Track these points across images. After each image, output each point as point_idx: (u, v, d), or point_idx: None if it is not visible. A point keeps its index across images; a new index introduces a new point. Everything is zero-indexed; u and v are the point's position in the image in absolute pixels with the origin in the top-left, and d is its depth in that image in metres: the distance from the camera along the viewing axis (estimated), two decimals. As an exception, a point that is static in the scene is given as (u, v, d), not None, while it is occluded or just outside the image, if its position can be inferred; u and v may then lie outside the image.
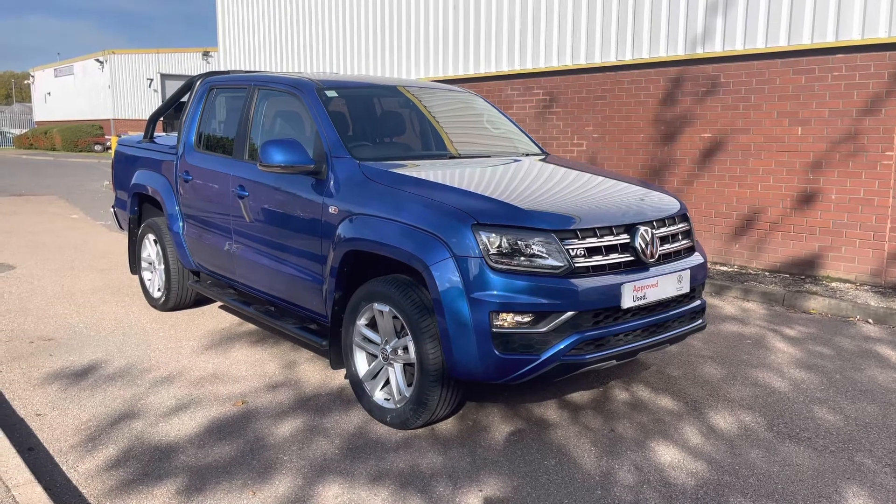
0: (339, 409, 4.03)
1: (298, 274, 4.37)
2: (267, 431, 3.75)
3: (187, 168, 5.41)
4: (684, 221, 4.11)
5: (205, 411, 3.99)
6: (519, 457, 3.50)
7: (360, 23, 12.43)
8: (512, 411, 4.02)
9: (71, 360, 4.79)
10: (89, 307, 6.11)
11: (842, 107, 6.91)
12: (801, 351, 5.17)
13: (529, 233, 3.41)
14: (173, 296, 5.85)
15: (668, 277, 3.75)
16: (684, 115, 8.06)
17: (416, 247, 3.51)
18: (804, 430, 3.84)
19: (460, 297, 3.36)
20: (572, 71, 9.11)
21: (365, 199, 3.91)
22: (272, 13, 14.65)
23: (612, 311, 3.53)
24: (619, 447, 3.61)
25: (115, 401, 4.13)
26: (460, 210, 3.47)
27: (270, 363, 4.77)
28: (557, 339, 3.38)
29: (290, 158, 4.08)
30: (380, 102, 5.06)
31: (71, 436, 3.68)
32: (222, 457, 3.47)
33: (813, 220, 7.22)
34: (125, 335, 5.35)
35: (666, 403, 4.17)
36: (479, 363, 3.38)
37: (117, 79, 40.03)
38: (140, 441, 3.63)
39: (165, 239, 5.78)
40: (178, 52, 40.95)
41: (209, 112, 5.48)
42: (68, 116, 43.82)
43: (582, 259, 3.47)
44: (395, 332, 3.78)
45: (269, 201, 4.55)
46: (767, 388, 4.44)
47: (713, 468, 3.40)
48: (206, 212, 5.27)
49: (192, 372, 4.60)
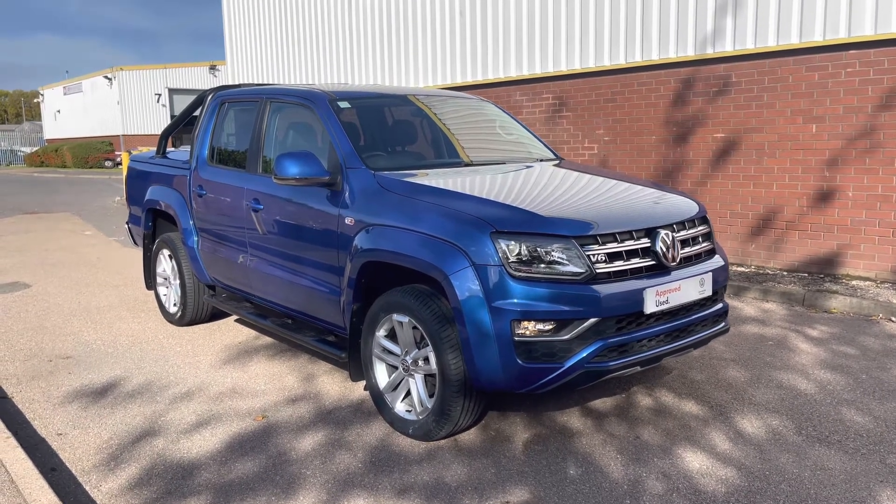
0: (360, 422, 4.00)
1: (315, 286, 4.35)
2: (289, 446, 3.72)
3: (201, 182, 5.41)
4: (704, 223, 4.06)
5: (225, 427, 3.97)
6: (544, 466, 3.46)
7: (367, 33, 12.45)
8: (534, 420, 3.98)
9: (90, 378, 4.79)
10: (106, 324, 6.11)
11: (856, 103, 6.84)
12: (825, 351, 5.10)
13: (549, 239, 3.38)
14: (189, 311, 5.84)
15: (691, 281, 3.70)
16: (696, 116, 8.00)
17: (435, 256, 3.48)
18: (834, 432, 3.78)
19: (481, 306, 3.32)
20: (581, 74, 9.07)
21: (381, 209, 3.88)
22: (279, 26, 14.70)
23: (634, 316, 3.48)
24: (646, 454, 3.56)
25: (135, 418, 4.11)
26: (478, 218, 3.44)
27: (289, 376, 4.75)
28: (580, 346, 3.34)
29: (304, 171, 4.06)
30: (392, 112, 5.04)
31: (93, 455, 3.66)
32: (245, 473, 3.45)
33: (830, 218, 7.14)
34: (143, 351, 5.34)
35: (691, 408, 4.11)
36: (501, 373, 3.34)
37: (126, 95, 40.31)
38: (162, 459, 3.61)
39: (180, 254, 5.77)
40: (185, 66, 41.19)
41: (221, 126, 5.48)
42: (78, 133, 44.18)
43: (603, 265, 3.42)
44: (415, 343, 3.74)
45: (284, 214, 4.53)
46: (793, 390, 4.38)
47: (743, 474, 3.34)
48: (220, 226, 5.26)
49: (212, 387, 4.58)
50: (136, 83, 40.50)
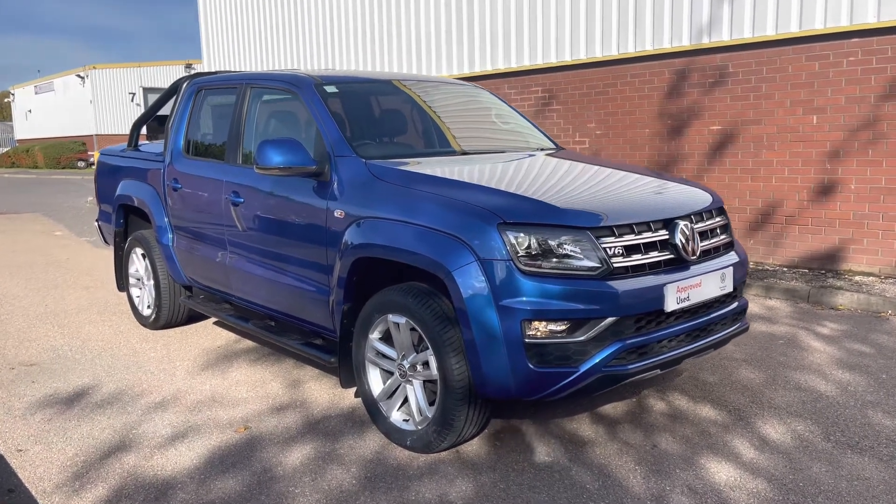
0: (352, 433, 3.67)
1: (301, 285, 4.01)
2: (275, 461, 3.38)
3: (176, 176, 5.04)
4: (721, 215, 3.79)
5: (204, 440, 3.62)
6: (558, 481, 3.15)
7: (349, 26, 12.09)
8: (542, 429, 3.67)
9: (55, 387, 4.40)
10: (75, 328, 5.71)
11: (859, 93, 6.62)
12: (839, 350, 4.85)
13: (562, 231, 3.07)
14: (164, 313, 5.46)
15: (711, 276, 3.42)
16: (691, 108, 7.76)
17: (436, 251, 3.16)
18: (864, 437, 3.51)
19: (488, 305, 3.01)
20: (572, 66, 8.80)
21: (374, 200, 3.55)
22: (257, 21, 14.28)
23: (654, 315, 3.19)
24: (667, 465, 3.27)
25: (104, 431, 3.74)
26: (484, 208, 3.12)
27: (273, 383, 4.40)
28: (597, 348, 3.04)
29: (289, 159, 3.72)
30: (382, 98, 4.72)
31: (56, 474, 3.30)
32: (227, 492, 3.10)
33: (832, 212, 6.92)
34: (114, 357, 4.96)
35: (708, 413, 3.83)
36: (511, 379, 3.03)
37: (99, 94, 39.44)
38: (133, 477, 3.25)
39: (154, 253, 5.40)
40: (160, 65, 40.38)
41: (198, 115, 5.12)
42: (50, 133, 43.15)
43: (620, 259, 3.13)
44: (413, 346, 3.42)
45: (266, 207, 4.19)
46: (813, 392, 4.11)
47: (775, 487, 3.06)
48: (197, 222, 4.89)
49: (189, 395, 4.22)
50: (110, 82, 39.64)
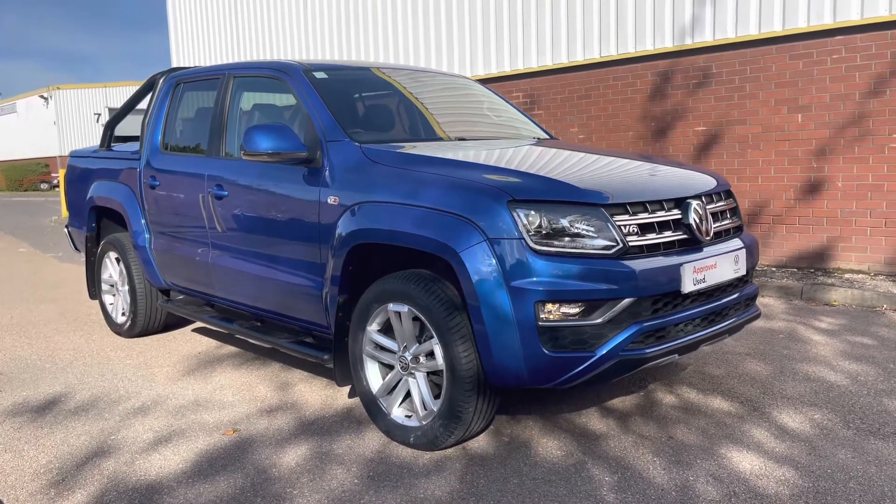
0: (350, 432, 3.44)
1: (292, 280, 3.78)
2: (269, 462, 3.14)
3: (153, 173, 4.79)
4: (730, 197, 3.67)
5: (190, 443, 3.36)
6: (574, 474, 2.96)
7: (322, 34, 11.93)
8: (550, 423, 3.48)
9: (24, 396, 4.11)
10: (43, 338, 5.40)
11: (843, 90, 6.62)
12: (842, 343, 4.75)
13: (574, 208, 2.91)
14: (140, 319, 5.18)
15: (725, 258, 3.28)
16: (675, 110, 7.71)
17: (441, 232, 2.98)
18: (884, 424, 3.38)
19: (499, 287, 2.83)
20: (553, 71, 8.73)
21: (371, 184, 3.36)
22: (228, 34, 14.05)
23: (671, 296, 3.04)
24: (687, 456, 3.10)
25: (80, 438, 3.46)
26: (492, 186, 2.95)
27: (260, 386, 4.16)
28: (614, 331, 2.87)
29: (278, 144, 3.52)
30: (372, 86, 4.55)
31: (29, 482, 3.02)
32: (219, 495, 2.85)
33: (819, 210, 6.89)
34: (86, 365, 4.67)
35: (720, 405, 3.67)
36: (524, 365, 2.85)
37: (63, 115, 38.74)
38: (115, 483, 2.98)
39: (129, 256, 5.13)
40: (126, 84, 39.75)
41: (176, 110, 4.88)
42: (12, 156, 42.22)
43: (634, 237, 2.98)
44: (416, 337, 3.22)
45: (253, 198, 3.97)
46: (824, 382, 3.99)
47: (803, 474, 2.90)
48: (177, 220, 4.65)
49: (170, 401, 3.96)
50: (75, 102, 38.98)
